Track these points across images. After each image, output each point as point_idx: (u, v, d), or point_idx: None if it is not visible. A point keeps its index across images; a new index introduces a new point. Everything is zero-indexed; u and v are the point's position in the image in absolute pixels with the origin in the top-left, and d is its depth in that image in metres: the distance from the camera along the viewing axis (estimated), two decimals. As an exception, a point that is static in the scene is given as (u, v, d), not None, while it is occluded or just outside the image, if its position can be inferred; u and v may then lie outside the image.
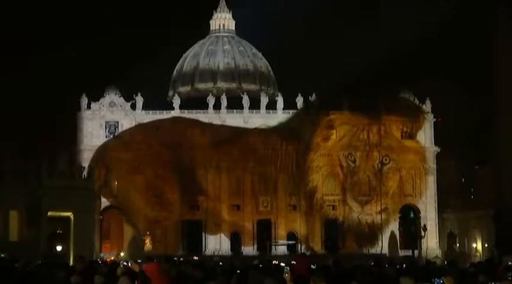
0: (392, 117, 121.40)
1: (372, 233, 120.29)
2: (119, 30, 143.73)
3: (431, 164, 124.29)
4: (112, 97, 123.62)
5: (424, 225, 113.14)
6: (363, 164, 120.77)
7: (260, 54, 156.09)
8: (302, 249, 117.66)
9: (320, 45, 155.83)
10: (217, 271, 25.22)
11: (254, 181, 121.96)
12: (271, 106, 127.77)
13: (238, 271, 23.70)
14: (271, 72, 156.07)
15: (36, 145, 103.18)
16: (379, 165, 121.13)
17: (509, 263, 37.08)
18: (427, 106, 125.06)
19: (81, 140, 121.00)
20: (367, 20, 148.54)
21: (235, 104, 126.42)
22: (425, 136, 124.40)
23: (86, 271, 24.36)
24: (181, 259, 52.33)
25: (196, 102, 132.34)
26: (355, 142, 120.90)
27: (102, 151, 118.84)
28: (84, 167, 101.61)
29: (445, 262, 73.62)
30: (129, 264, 32.22)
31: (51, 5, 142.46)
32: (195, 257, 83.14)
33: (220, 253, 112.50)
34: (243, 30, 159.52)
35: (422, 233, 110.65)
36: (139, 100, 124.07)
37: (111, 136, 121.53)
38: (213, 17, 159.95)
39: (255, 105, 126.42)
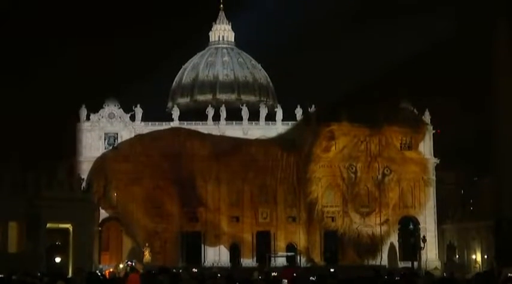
0: (393, 127, 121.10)
1: (373, 244, 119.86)
2: (119, 42, 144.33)
3: (431, 175, 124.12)
4: (111, 108, 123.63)
5: (424, 236, 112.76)
6: (363, 175, 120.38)
7: (259, 66, 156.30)
8: (302, 261, 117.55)
9: (319, 57, 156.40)
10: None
11: (254, 192, 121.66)
12: (271, 117, 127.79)
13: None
14: (271, 84, 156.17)
15: (36, 156, 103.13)
16: (380, 176, 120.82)
17: (509, 274, 36.96)
18: (426, 118, 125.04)
19: (80, 151, 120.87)
20: (367, 33, 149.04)
21: (234, 116, 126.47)
22: (425, 147, 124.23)
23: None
24: (180, 270, 52.25)
25: (195, 113, 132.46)
26: (356, 153, 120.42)
27: (101, 163, 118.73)
28: (83, 178, 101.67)
29: (444, 274, 73.60)
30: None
31: (50, 16, 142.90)
32: (194, 269, 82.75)
33: (219, 264, 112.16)
34: (242, 42, 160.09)
35: (422, 245, 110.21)
36: (139, 111, 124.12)
37: (110, 147, 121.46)
38: (212, 29, 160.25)
39: (254, 117, 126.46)
